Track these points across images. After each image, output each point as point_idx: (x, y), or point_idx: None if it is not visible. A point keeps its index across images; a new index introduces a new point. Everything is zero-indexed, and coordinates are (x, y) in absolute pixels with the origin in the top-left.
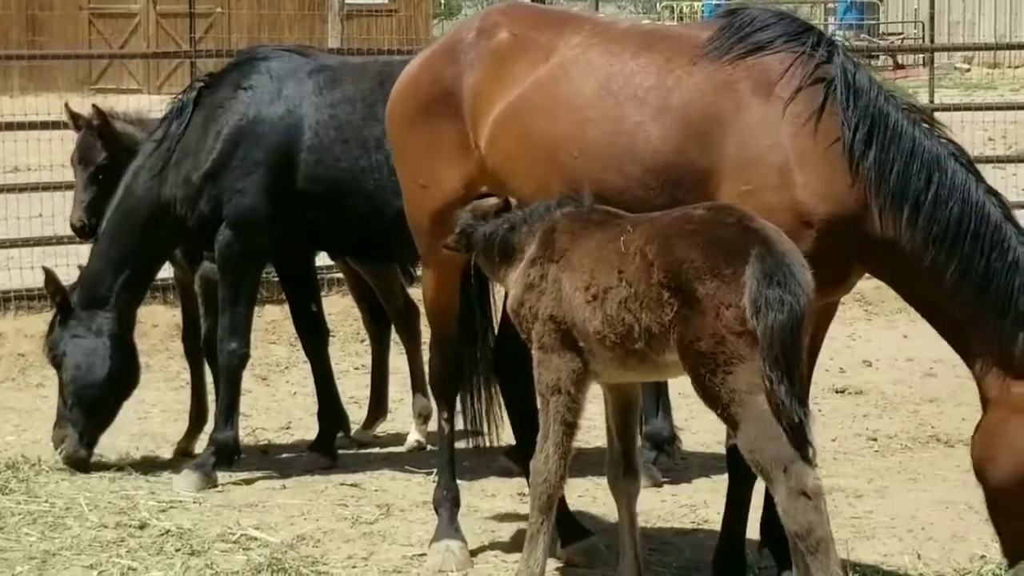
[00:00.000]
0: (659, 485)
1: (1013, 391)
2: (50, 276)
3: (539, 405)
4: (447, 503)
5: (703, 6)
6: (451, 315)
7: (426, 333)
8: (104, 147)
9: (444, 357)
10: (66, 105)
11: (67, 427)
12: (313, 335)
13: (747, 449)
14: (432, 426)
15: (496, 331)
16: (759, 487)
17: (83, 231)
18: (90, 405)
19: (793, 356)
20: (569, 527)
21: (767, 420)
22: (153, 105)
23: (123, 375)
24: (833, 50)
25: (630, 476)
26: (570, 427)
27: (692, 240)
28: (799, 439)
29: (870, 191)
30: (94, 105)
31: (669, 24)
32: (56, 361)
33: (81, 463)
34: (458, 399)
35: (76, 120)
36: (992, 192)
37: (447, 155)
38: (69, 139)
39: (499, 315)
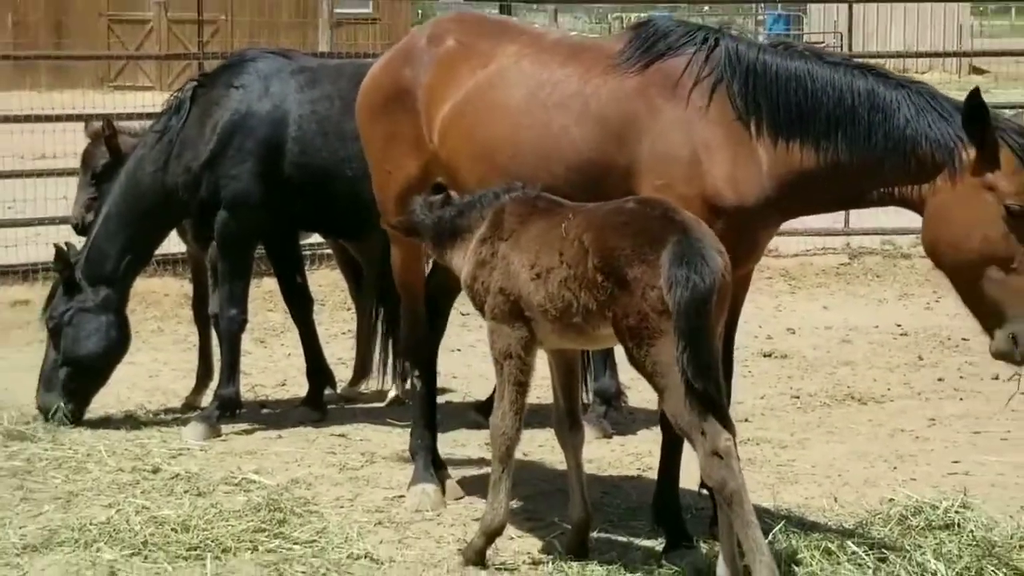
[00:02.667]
0: (608, 436)
1: (939, 184)
2: (60, 253)
3: (494, 369)
4: (423, 451)
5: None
6: (418, 287)
7: None
8: (108, 155)
9: (414, 324)
10: (106, 120)
11: (54, 395)
12: (299, 304)
13: (670, 414)
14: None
15: None
16: None
17: (78, 227)
18: (93, 374)
19: (699, 329)
20: None
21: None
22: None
23: (122, 347)
24: (719, 36)
25: (575, 429)
26: (522, 386)
27: (623, 231)
28: (713, 405)
29: (772, 142)
30: (106, 117)
31: (592, 36)
32: (55, 327)
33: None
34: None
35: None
36: (863, 67)
37: (406, 146)
38: None
39: None
